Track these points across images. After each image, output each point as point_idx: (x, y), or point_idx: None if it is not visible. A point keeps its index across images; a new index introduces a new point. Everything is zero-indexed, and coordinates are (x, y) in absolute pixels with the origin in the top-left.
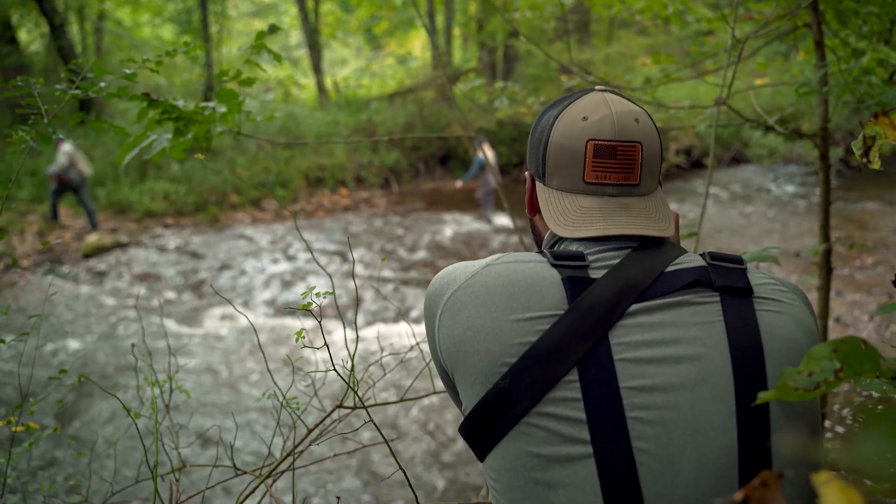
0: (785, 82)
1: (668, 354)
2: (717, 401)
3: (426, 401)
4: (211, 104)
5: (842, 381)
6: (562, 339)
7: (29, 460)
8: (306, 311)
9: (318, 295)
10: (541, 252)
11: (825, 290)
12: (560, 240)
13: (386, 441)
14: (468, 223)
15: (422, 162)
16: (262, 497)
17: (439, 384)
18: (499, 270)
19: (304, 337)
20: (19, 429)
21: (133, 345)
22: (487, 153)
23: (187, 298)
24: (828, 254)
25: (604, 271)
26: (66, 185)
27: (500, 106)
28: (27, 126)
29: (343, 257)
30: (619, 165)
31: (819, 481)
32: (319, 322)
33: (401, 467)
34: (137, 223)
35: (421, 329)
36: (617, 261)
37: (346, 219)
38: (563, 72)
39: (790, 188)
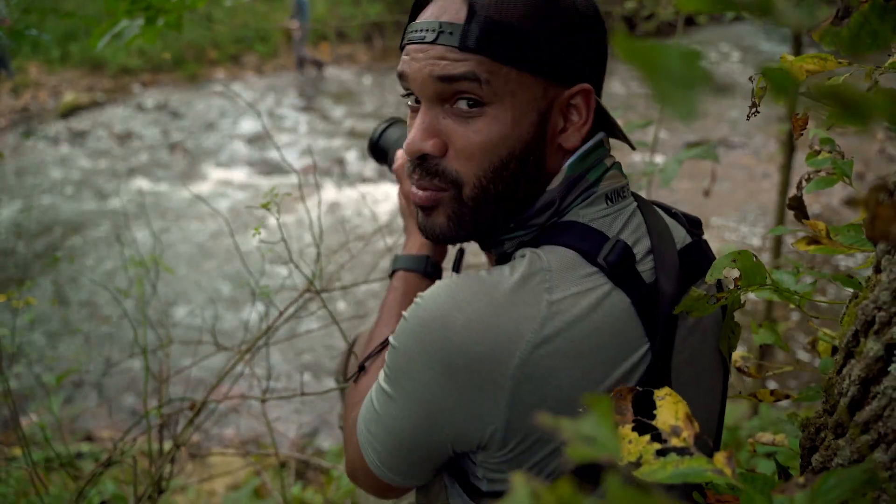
0: None
1: (700, 361)
2: (716, 388)
3: None
4: None
5: (740, 290)
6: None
7: (30, 333)
8: (270, 201)
9: (276, 196)
10: (565, 228)
11: (787, 168)
12: (580, 194)
13: (336, 322)
14: None
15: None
16: (242, 371)
17: None
18: (576, 314)
19: (260, 233)
20: (20, 303)
21: (119, 237)
22: None
23: (167, 159)
24: (791, 134)
25: (647, 264)
26: None
27: None
28: None
29: (320, 114)
30: None
31: (658, 395)
32: (278, 220)
33: (348, 343)
34: (113, 80)
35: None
36: (645, 241)
37: (327, 74)
38: None
39: (784, 48)
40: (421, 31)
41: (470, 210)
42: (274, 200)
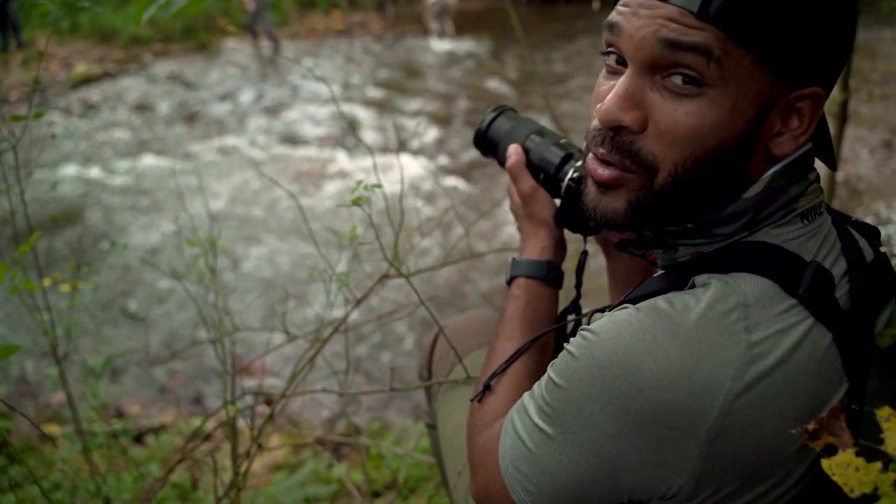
0: None
1: (885, 388)
2: None
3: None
4: None
5: None
6: None
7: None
8: (358, 201)
9: (366, 188)
10: (765, 244)
11: (838, 139)
12: (778, 210)
13: (423, 302)
14: (463, 46)
15: None
16: (314, 361)
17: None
18: (778, 356)
19: (357, 236)
20: (66, 288)
21: (178, 219)
22: None
23: (184, 131)
24: (845, 104)
25: (843, 289)
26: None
27: None
28: None
29: (337, 83)
30: None
31: (881, 416)
32: (370, 216)
33: (439, 327)
34: (124, 51)
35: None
36: (841, 263)
37: (340, 45)
38: None
39: None
40: None
41: (655, 200)
42: (365, 193)
